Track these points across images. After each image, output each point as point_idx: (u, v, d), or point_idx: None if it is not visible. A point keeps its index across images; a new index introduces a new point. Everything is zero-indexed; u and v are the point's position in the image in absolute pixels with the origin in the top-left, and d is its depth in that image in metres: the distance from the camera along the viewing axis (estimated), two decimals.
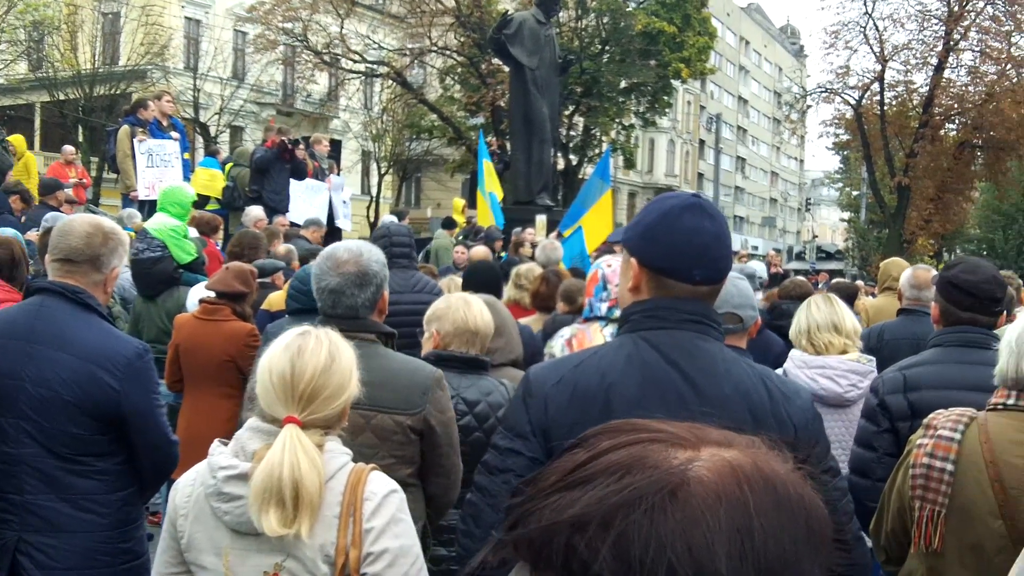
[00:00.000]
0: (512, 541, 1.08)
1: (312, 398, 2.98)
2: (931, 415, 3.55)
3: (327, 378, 3.01)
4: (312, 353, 3.02)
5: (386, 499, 3.06)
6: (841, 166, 69.37)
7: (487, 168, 18.37)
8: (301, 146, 16.97)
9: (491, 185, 18.19)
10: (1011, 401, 3.33)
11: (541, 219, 17.86)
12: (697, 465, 1.08)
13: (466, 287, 7.43)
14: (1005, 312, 4.66)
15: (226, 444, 3.09)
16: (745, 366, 2.88)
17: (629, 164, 56.40)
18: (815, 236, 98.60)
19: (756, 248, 73.09)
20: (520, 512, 1.10)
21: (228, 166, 17.67)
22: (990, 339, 4.15)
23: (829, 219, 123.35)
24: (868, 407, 4.64)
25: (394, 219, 14.89)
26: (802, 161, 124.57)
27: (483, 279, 7.69)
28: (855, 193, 63.71)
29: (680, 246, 2.79)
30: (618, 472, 1.08)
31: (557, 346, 5.60)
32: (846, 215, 74.81)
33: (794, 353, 5.72)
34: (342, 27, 40.22)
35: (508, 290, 8.82)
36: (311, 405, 2.98)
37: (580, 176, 42.40)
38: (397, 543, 3.03)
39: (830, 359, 5.60)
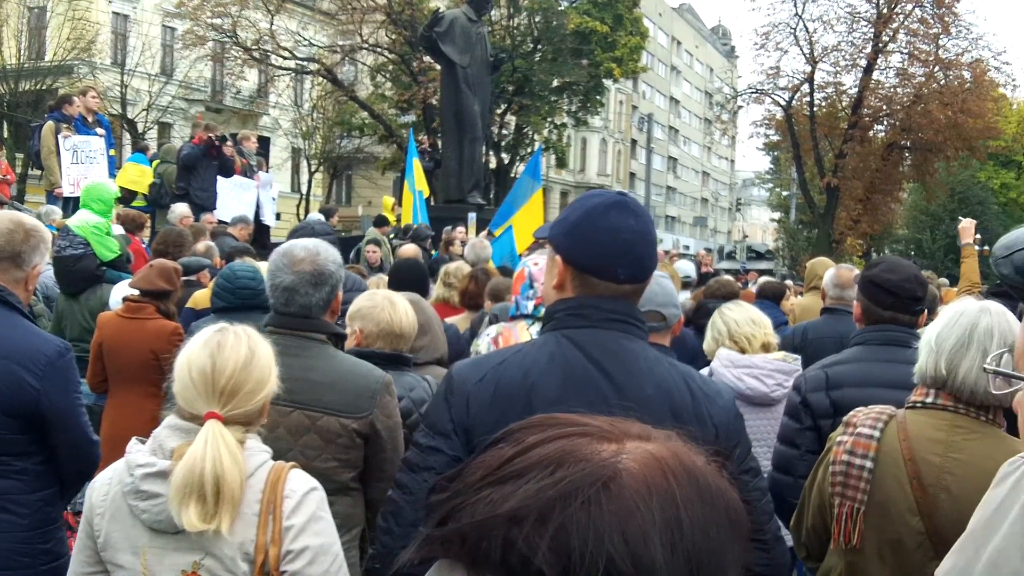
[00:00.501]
0: (442, 537, 1.08)
1: (233, 393, 2.96)
2: (851, 413, 3.58)
3: (248, 373, 2.99)
4: (232, 348, 2.99)
5: (306, 497, 3.03)
6: (771, 166, 70.00)
7: (416, 166, 18.31)
8: (229, 143, 16.83)
9: (419, 183, 18.13)
10: (929, 399, 3.36)
11: (472, 217, 17.84)
12: (625, 458, 1.10)
13: (391, 285, 7.37)
14: (926, 311, 4.71)
15: (144, 442, 3.05)
16: (668, 365, 2.87)
17: (561, 163, 56.55)
18: (746, 236, 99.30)
19: (688, 248, 73.49)
20: (448, 508, 1.10)
21: (155, 163, 17.48)
22: (911, 338, 4.19)
23: (760, 219, 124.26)
24: (791, 405, 4.66)
25: (320, 217, 14.82)
26: (733, 161, 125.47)
27: (408, 277, 7.61)
28: (785, 193, 64.34)
29: (605, 244, 2.79)
30: (550, 466, 1.08)
31: (483, 344, 5.58)
32: (776, 215, 75.52)
33: (721, 352, 5.73)
34: (272, 23, 39.92)
35: (436, 288, 8.77)
36: (232, 400, 2.96)
37: (512, 175, 42.43)
38: (317, 541, 2.99)
39: (756, 359, 5.62)
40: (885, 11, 44.79)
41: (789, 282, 21.57)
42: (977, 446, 3.22)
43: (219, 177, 16.13)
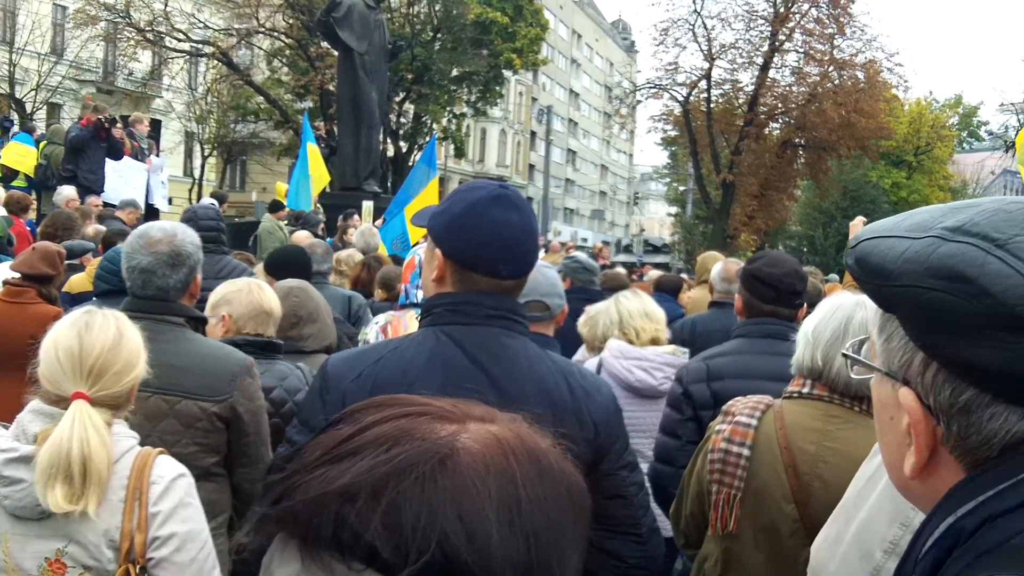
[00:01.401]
0: (276, 516, 1.06)
1: (101, 373, 2.92)
2: (730, 402, 3.63)
3: (116, 354, 2.95)
4: (100, 329, 2.96)
5: (173, 483, 2.99)
6: (669, 161, 70.68)
7: (312, 151, 18.11)
8: (119, 125, 16.52)
9: (315, 168, 17.94)
10: (806, 390, 3.41)
11: (368, 205, 17.73)
12: (464, 437, 1.09)
13: (269, 270, 7.25)
14: (806, 305, 4.76)
15: (6, 427, 2.98)
16: (548, 363, 2.85)
17: (460, 153, 56.50)
18: (643, 230, 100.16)
19: (586, 240, 73.92)
20: (284, 487, 1.07)
21: (42, 144, 17.11)
22: (789, 330, 4.22)
23: (657, 213, 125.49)
24: (673, 396, 4.70)
25: (213, 202, 14.62)
26: (631, 155, 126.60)
27: (288, 263, 7.41)
28: (682, 188, 65.05)
29: (488, 241, 2.75)
30: (386, 444, 1.07)
31: (371, 333, 5.52)
32: (673, 210, 76.27)
33: (612, 343, 5.75)
34: (166, 4, 39.27)
35: (329, 276, 8.68)
36: (100, 381, 2.92)
37: (410, 163, 42.26)
38: (184, 527, 2.96)
39: (646, 351, 5.64)
40: (782, 10, 45.58)
41: (685, 275, 21.84)
42: (850, 435, 3.27)
43: (108, 160, 15.81)
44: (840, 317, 3.35)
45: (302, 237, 12.66)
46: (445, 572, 1.00)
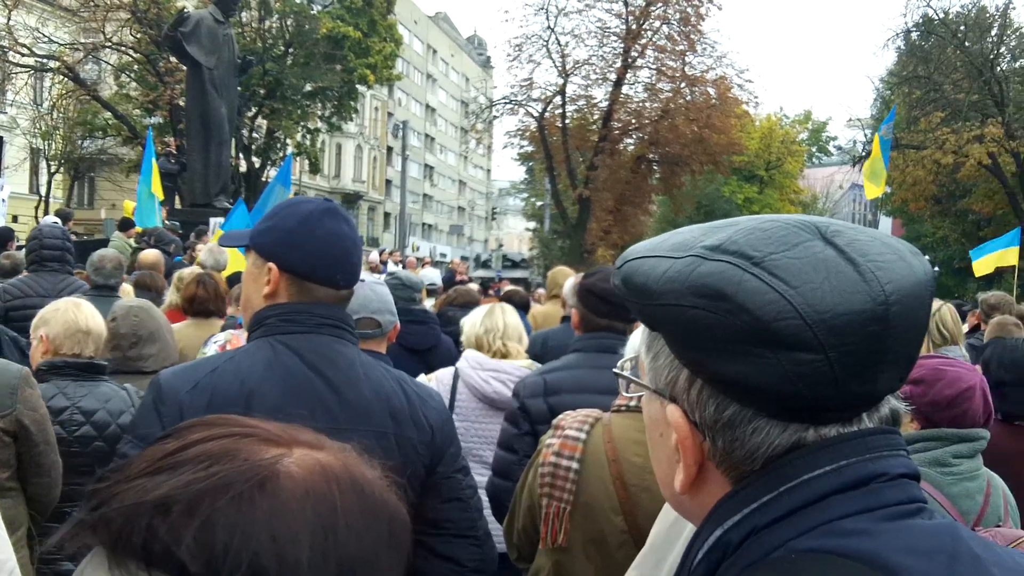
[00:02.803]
0: (91, 522, 1.03)
1: None
2: (559, 416, 3.66)
3: None
4: None
5: None
6: (526, 177, 71.13)
7: (153, 168, 17.70)
8: None
9: (155, 187, 17.53)
10: (633, 403, 3.43)
11: (217, 222, 17.44)
12: (288, 461, 1.09)
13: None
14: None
15: None
16: (383, 370, 2.93)
17: (315, 169, 55.93)
18: (501, 245, 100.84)
19: (444, 255, 74.05)
20: (103, 496, 1.05)
21: None
22: (619, 344, 4.27)
23: (515, 228, 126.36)
24: (510, 411, 4.69)
25: (57, 220, 14.22)
26: (489, 171, 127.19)
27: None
28: (539, 203, 65.47)
29: (325, 251, 2.84)
30: (207, 461, 1.06)
31: (211, 350, 5.46)
32: (531, 225, 76.74)
33: (468, 353, 5.78)
34: (9, 18, 38.08)
35: (169, 295, 8.46)
36: None
37: (263, 179, 41.87)
38: None
39: (503, 363, 5.67)
40: (634, 27, 46.24)
41: (541, 290, 21.97)
42: None
43: None
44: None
45: (150, 256, 12.39)
46: None
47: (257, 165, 44.53)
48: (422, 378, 5.97)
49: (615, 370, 1.49)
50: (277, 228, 2.87)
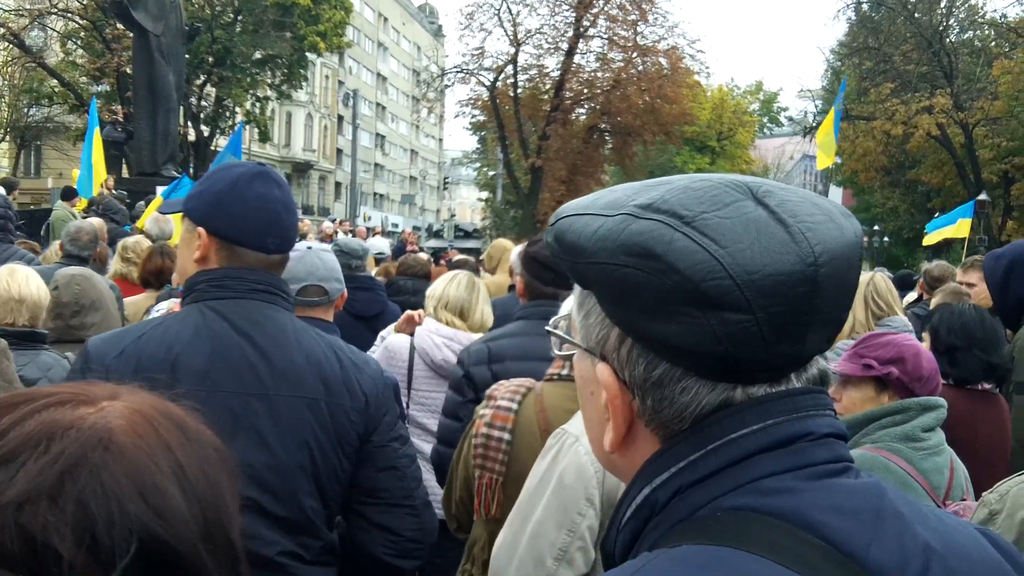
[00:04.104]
0: None
1: None
2: (493, 386, 3.67)
3: None
4: None
5: None
6: (478, 146, 70.97)
7: (96, 138, 17.42)
8: None
9: (96, 155, 17.25)
10: (565, 371, 3.45)
11: (163, 191, 17.28)
12: (110, 416, 1.06)
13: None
14: None
15: None
16: (316, 336, 2.89)
17: (264, 137, 55.47)
18: (454, 215, 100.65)
19: (396, 225, 73.74)
20: None
21: None
22: None
23: (468, 198, 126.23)
24: (455, 378, 4.69)
25: (1, 190, 13.98)
26: (441, 140, 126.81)
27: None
28: (492, 173, 65.38)
29: (254, 214, 2.80)
30: (40, 442, 1.01)
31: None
32: (484, 195, 76.63)
33: (429, 320, 5.78)
34: None
35: (114, 263, 8.37)
36: None
37: (212, 147, 41.53)
38: None
39: (460, 333, 5.66)
40: None
41: None
42: None
43: None
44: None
45: (95, 224, 12.24)
46: (148, 558, 0.97)
47: (206, 134, 44.16)
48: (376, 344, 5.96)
49: (547, 327, 1.48)
50: (207, 192, 2.85)
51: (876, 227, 62.14)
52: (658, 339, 1.17)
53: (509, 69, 47.46)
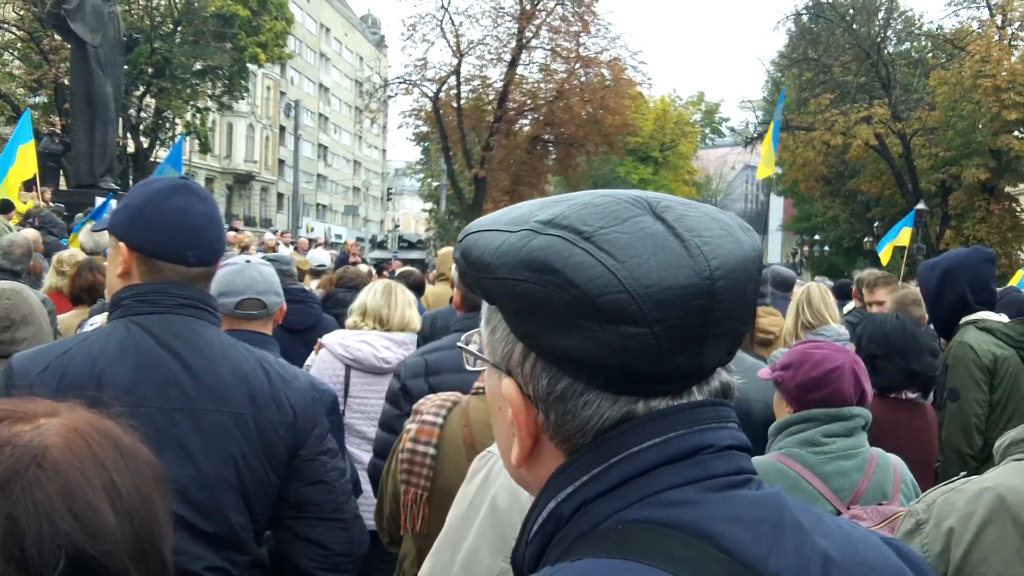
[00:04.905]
0: None
1: None
2: (420, 401, 3.66)
3: None
4: None
5: None
6: (422, 157, 70.79)
7: (25, 150, 16.93)
8: None
9: (20, 166, 16.73)
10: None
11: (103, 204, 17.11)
12: (46, 434, 1.07)
13: None
14: None
15: None
16: (243, 350, 2.88)
17: (205, 148, 55.01)
18: (397, 225, 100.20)
19: (340, 236, 73.38)
20: None
21: None
22: None
23: (412, 209, 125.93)
24: (391, 391, 4.67)
25: None
26: (384, 151, 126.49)
27: None
28: (435, 184, 65.22)
29: (173, 228, 2.78)
30: None
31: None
32: (428, 205, 76.44)
33: (335, 332, 5.85)
34: None
35: (49, 277, 8.30)
36: None
37: (152, 159, 41.17)
38: None
39: (370, 334, 5.73)
40: (528, 8, 46.16)
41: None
42: None
43: None
44: None
45: (30, 236, 12.10)
46: (76, 573, 0.98)
47: (146, 145, 43.77)
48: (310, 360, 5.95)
49: (459, 344, 1.49)
50: (127, 207, 2.85)
51: (816, 236, 62.70)
52: (559, 353, 1.19)
53: (452, 80, 47.36)
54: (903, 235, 19.65)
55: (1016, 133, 39.95)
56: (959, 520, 2.61)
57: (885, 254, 20.95)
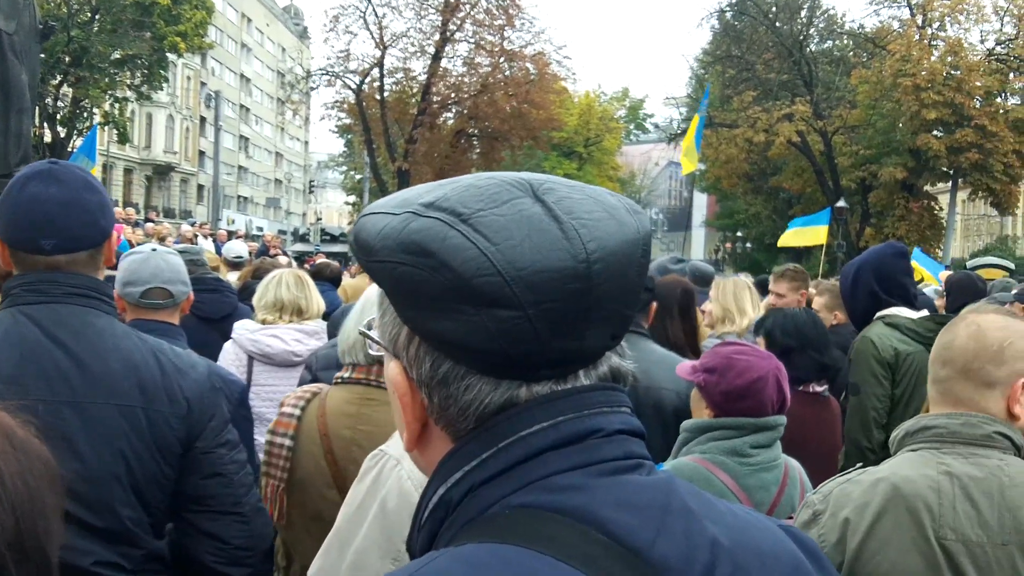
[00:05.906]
0: None
1: None
2: (286, 395, 3.70)
3: None
4: None
5: None
6: (345, 149, 70.55)
7: None
8: None
9: None
10: (347, 374, 3.50)
11: None
12: None
13: None
14: None
15: None
16: (136, 340, 2.83)
17: (123, 139, 54.29)
18: (320, 218, 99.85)
19: (261, 229, 72.93)
20: None
21: None
22: None
23: (335, 202, 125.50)
24: (302, 382, 4.68)
25: None
26: (307, 143, 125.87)
27: None
28: (359, 177, 65.03)
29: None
30: None
31: None
32: (351, 198, 76.21)
33: (242, 323, 5.88)
34: None
35: None
36: None
37: (69, 149, 40.52)
38: None
39: (278, 326, 5.75)
40: (452, 0, 46.15)
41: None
42: (384, 417, 3.31)
43: None
44: (361, 299, 3.49)
45: None
46: None
47: (63, 135, 43.10)
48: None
49: (360, 328, 1.48)
50: None
51: (739, 233, 63.40)
52: (439, 337, 1.19)
53: (375, 72, 47.31)
54: (818, 232, 19.77)
55: (935, 132, 40.67)
56: (855, 510, 2.62)
57: (787, 237, 21.12)
